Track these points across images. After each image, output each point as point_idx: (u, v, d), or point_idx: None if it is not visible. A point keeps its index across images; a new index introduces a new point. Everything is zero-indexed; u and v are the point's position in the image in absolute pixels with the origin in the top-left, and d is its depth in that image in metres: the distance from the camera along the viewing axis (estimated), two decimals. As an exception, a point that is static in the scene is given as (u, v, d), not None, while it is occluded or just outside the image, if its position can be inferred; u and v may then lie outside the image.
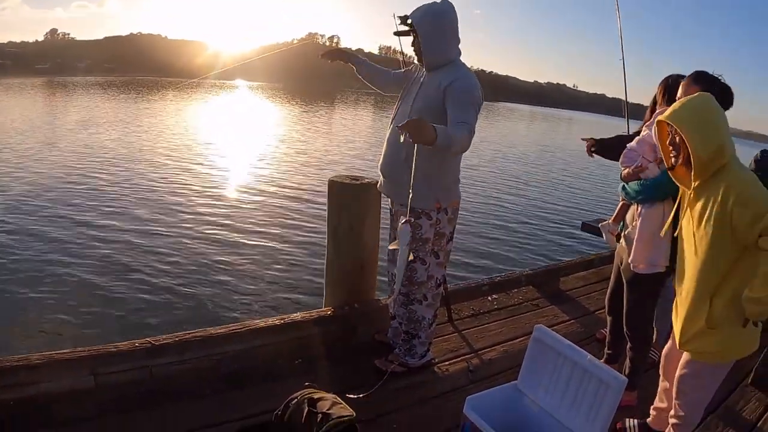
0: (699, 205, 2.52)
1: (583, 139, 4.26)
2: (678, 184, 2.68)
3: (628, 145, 3.39)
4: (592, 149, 4.15)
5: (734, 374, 3.89)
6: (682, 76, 3.18)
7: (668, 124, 2.53)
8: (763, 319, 2.45)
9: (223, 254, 8.92)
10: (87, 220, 9.94)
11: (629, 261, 3.26)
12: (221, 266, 8.41)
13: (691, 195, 2.57)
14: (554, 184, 21.19)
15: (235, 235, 10.01)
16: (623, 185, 3.35)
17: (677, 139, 2.52)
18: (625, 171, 3.31)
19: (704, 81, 3.05)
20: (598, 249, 8.53)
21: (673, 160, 2.61)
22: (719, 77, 3.07)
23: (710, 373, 2.74)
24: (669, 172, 2.69)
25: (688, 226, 2.61)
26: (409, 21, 3.20)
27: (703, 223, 2.48)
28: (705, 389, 2.81)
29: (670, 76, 3.41)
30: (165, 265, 8.20)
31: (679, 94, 3.08)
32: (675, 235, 2.79)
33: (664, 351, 3.07)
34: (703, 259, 2.51)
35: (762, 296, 2.33)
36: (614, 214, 3.64)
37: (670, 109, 2.54)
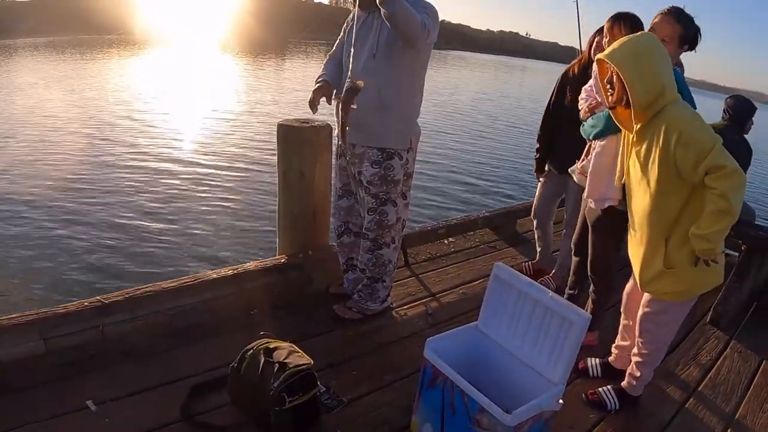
0: (643, 147, 2.49)
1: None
2: (620, 127, 2.64)
3: (585, 86, 3.39)
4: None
5: (693, 313, 3.96)
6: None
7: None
8: (713, 257, 2.44)
9: (172, 207, 8.69)
10: (27, 179, 9.54)
11: (584, 196, 3.25)
12: (170, 219, 8.20)
13: (634, 138, 2.54)
14: (509, 129, 21.31)
15: (184, 186, 9.76)
16: (582, 124, 3.30)
17: (614, 77, 2.47)
18: (582, 111, 3.29)
19: (685, 21, 3.04)
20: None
21: (610, 98, 2.55)
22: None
23: (674, 310, 2.75)
24: (610, 113, 2.64)
25: (634, 168, 2.59)
26: None
27: (649, 165, 2.46)
28: (669, 326, 2.82)
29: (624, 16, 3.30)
30: (111, 220, 7.94)
31: (656, 25, 3.07)
32: (623, 179, 2.77)
33: (625, 290, 3.07)
34: (653, 201, 2.50)
35: (708, 233, 2.33)
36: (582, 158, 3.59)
37: (610, 48, 2.49)
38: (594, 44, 3.77)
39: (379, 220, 3.40)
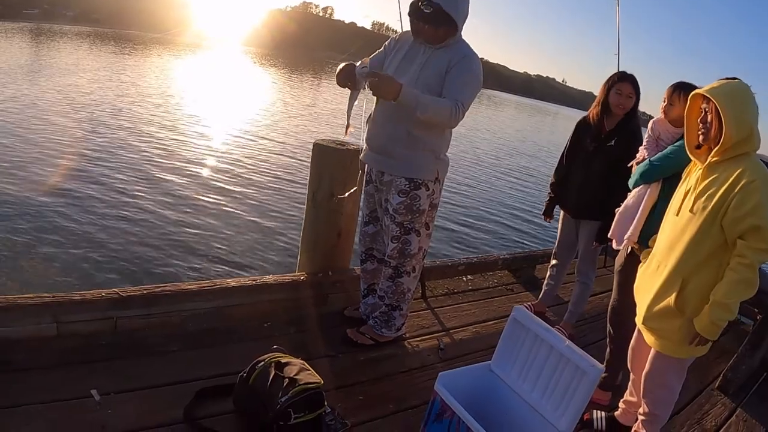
0: (707, 181, 2.48)
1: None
2: (692, 158, 2.63)
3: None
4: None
5: (702, 378, 3.94)
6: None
7: (704, 101, 2.49)
8: (714, 338, 2.44)
9: (200, 212, 8.81)
10: (62, 169, 9.71)
11: (609, 236, 3.37)
12: (197, 223, 8.31)
13: (703, 170, 2.52)
14: (537, 173, 21.24)
15: (214, 193, 9.90)
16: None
17: (709, 117, 2.46)
18: (634, 167, 3.37)
19: None
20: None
21: (701, 137, 2.54)
22: None
23: (672, 369, 2.74)
24: (689, 149, 2.63)
25: (686, 199, 2.56)
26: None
27: (704, 198, 2.45)
28: (668, 387, 2.81)
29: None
30: (140, 218, 8.08)
31: None
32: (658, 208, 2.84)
33: (631, 345, 3.06)
34: (690, 236, 2.48)
35: (732, 302, 2.34)
36: None
37: (709, 86, 2.48)
38: (614, 88, 3.82)
39: (401, 249, 3.41)
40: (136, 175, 10.01)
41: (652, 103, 3.36)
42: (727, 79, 2.53)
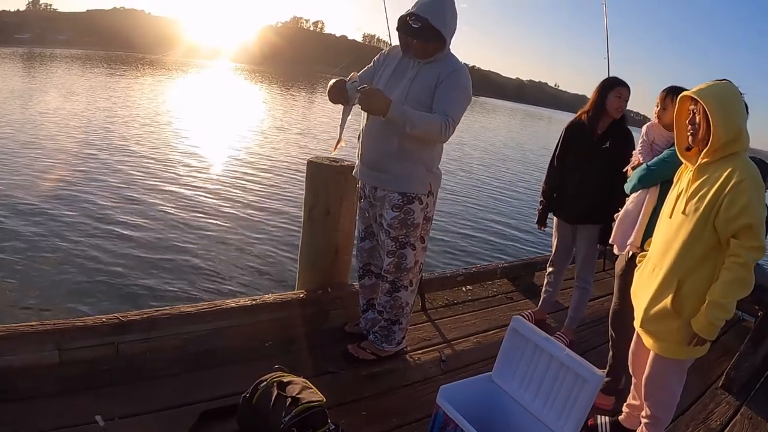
0: (698, 182, 2.50)
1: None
2: (682, 160, 2.66)
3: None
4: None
5: (705, 377, 3.94)
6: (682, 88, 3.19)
7: (692, 102, 2.51)
8: (712, 338, 2.46)
9: (197, 232, 8.79)
10: (57, 192, 9.71)
11: (610, 242, 3.41)
12: (194, 244, 8.28)
13: (693, 171, 2.55)
14: (535, 180, 21.22)
15: (210, 214, 9.87)
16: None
17: (697, 118, 2.48)
18: (629, 172, 3.41)
19: None
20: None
21: (690, 138, 2.56)
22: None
23: (671, 372, 2.75)
24: (680, 152, 2.66)
25: (678, 202, 2.59)
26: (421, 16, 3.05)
27: (695, 200, 2.47)
28: (669, 389, 2.81)
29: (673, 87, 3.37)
30: (137, 241, 8.06)
31: None
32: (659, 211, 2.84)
33: (630, 349, 3.07)
34: (684, 238, 2.50)
35: (727, 302, 2.35)
36: None
37: (696, 87, 2.51)
38: (614, 91, 3.86)
39: (398, 263, 3.42)
40: (130, 199, 9.99)
41: (652, 104, 3.38)
42: (717, 81, 2.55)
